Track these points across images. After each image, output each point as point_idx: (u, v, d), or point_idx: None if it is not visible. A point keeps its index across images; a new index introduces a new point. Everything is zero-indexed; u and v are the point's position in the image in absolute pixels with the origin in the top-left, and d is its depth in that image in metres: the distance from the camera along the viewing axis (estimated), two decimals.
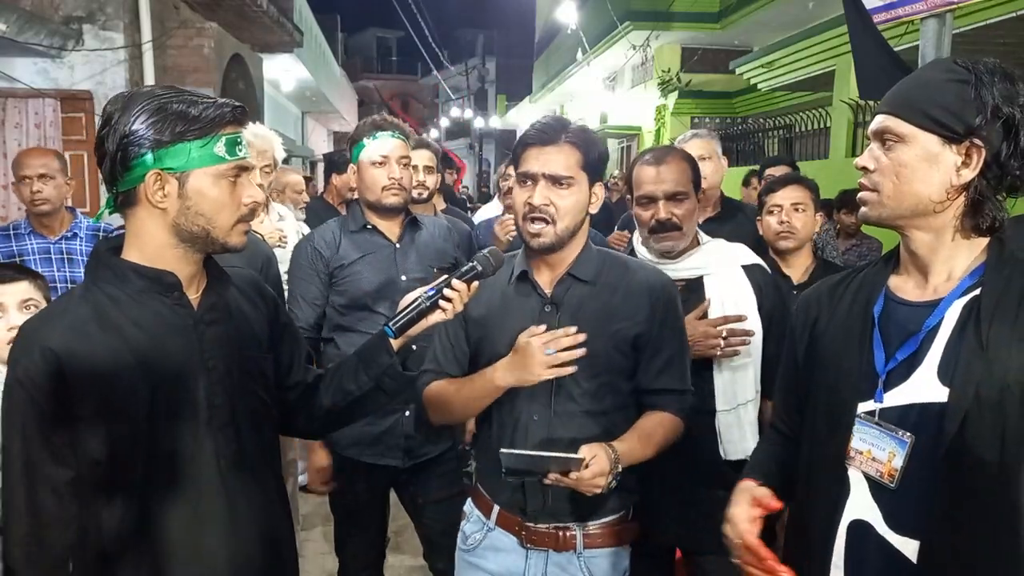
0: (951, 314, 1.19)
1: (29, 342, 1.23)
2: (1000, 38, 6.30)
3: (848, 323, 1.31)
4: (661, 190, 1.99)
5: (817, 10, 8.74)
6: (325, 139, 21.37)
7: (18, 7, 5.23)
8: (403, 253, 2.42)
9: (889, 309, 1.28)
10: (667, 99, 13.07)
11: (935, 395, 1.17)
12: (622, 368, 1.70)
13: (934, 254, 1.24)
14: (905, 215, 1.23)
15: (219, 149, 1.26)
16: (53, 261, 2.97)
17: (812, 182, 2.67)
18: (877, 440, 1.21)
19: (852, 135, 8.07)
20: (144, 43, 5.94)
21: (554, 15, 15.96)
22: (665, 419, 1.70)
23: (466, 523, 1.83)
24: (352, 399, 1.49)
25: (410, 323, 1.45)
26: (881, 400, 1.23)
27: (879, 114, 1.27)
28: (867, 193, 1.27)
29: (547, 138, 1.64)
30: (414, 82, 43.45)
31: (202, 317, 1.33)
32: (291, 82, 12.85)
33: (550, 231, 1.64)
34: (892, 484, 1.19)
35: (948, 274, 1.23)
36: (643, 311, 1.69)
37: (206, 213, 1.27)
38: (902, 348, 1.22)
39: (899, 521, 1.19)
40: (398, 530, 3.37)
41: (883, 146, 1.24)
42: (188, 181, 1.25)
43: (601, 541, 1.71)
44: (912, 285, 1.27)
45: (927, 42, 2.63)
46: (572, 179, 1.63)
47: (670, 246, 2.02)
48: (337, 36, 28.48)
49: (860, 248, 5.16)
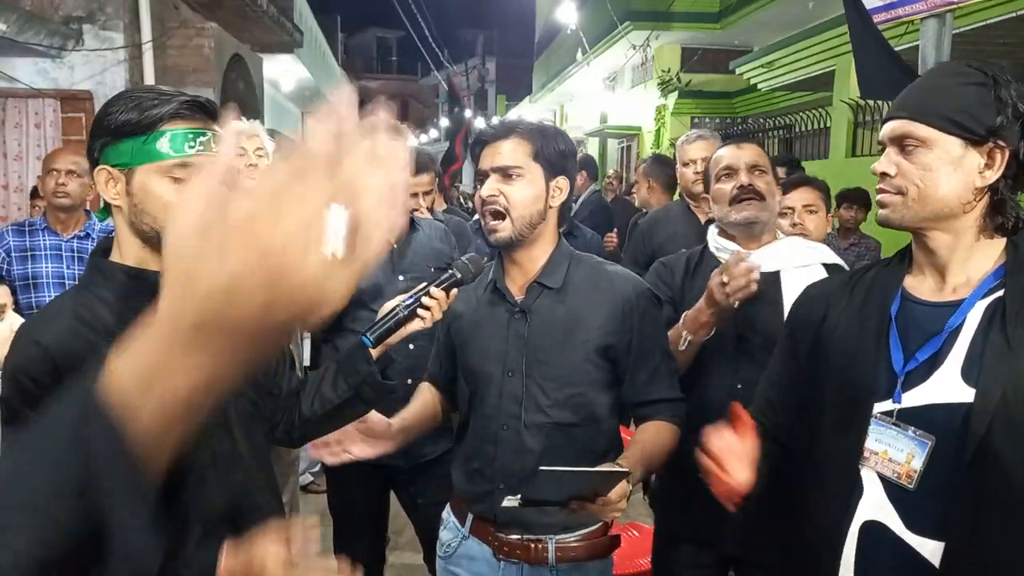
0: (973, 315, 1.19)
1: (24, 339, 1.24)
2: (1000, 38, 6.30)
3: (863, 322, 1.30)
4: (743, 160, 1.96)
5: (817, 10, 8.73)
6: None
7: (18, 7, 5.23)
8: (400, 254, 2.42)
9: (906, 309, 1.27)
10: (667, 99, 13.06)
11: (959, 396, 1.16)
12: (594, 379, 1.65)
13: (953, 255, 1.24)
14: (929, 218, 1.24)
15: (162, 145, 1.21)
16: (63, 258, 3.07)
17: (822, 183, 2.67)
18: (894, 441, 1.20)
19: (852, 135, 8.06)
20: (144, 43, 5.94)
21: (554, 15, 15.95)
22: (662, 428, 1.66)
23: (443, 530, 1.81)
24: (331, 407, 1.48)
25: (388, 332, 1.46)
26: (899, 400, 1.21)
27: (895, 119, 1.26)
28: (889, 196, 1.26)
29: (497, 133, 1.63)
30: (414, 82, 43.45)
31: None
32: (291, 82, 12.84)
33: (507, 225, 1.61)
34: (911, 485, 1.18)
35: (967, 275, 1.24)
36: (615, 321, 1.64)
37: (150, 211, 1.24)
38: (923, 348, 1.21)
39: (917, 522, 1.18)
40: (398, 530, 3.37)
41: (902, 151, 1.24)
42: (133, 178, 1.23)
43: (575, 555, 1.65)
44: (928, 285, 1.27)
45: (927, 42, 2.63)
46: (521, 169, 1.60)
47: (753, 215, 1.92)
48: (337, 36, 28.48)
49: (859, 248, 5.16)
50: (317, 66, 13.91)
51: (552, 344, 1.63)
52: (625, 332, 1.64)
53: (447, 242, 2.59)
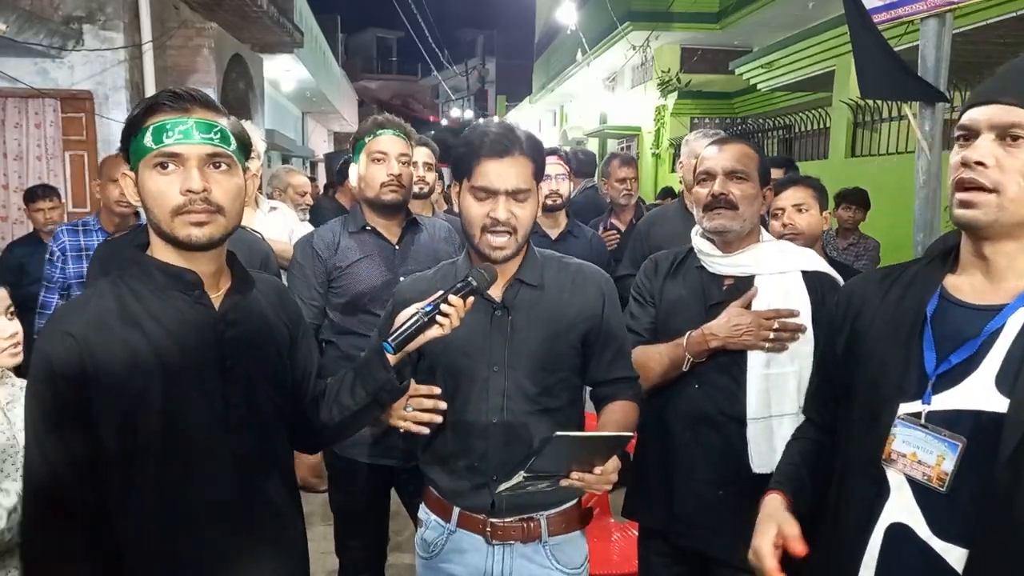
0: (1014, 321, 1.12)
1: (52, 329, 1.25)
2: (1000, 38, 6.31)
3: (897, 319, 1.24)
4: (720, 165, 1.92)
5: (817, 10, 8.75)
6: (325, 139, 21.37)
7: (18, 7, 5.23)
8: (402, 254, 2.42)
9: (943, 309, 1.20)
10: (667, 99, 13.08)
11: (991, 404, 1.11)
12: (573, 364, 1.73)
13: (1013, 262, 1.16)
14: (1021, 223, 1.13)
15: (147, 139, 1.24)
16: None
17: (815, 180, 2.67)
18: (923, 443, 1.15)
19: (851, 135, 8.07)
20: (144, 43, 5.94)
21: (554, 15, 15.98)
22: (628, 407, 1.73)
23: (424, 531, 1.83)
24: (349, 413, 1.50)
25: (408, 339, 1.46)
26: (929, 402, 1.16)
27: (993, 104, 1.13)
28: (979, 195, 1.13)
29: (503, 150, 1.62)
30: (414, 82, 43.47)
31: (223, 317, 1.34)
32: (291, 82, 12.86)
33: (512, 242, 1.64)
34: (943, 488, 1.13)
35: (1018, 281, 1.15)
36: (590, 306, 1.72)
37: (148, 205, 1.27)
38: (958, 352, 1.15)
39: (944, 527, 1.14)
40: (398, 530, 3.37)
41: (1003, 142, 1.12)
42: (138, 176, 1.27)
43: (565, 527, 1.73)
44: (971, 287, 1.20)
45: (927, 42, 2.63)
46: (529, 191, 1.65)
47: (721, 225, 1.90)
48: (337, 36, 28.47)
49: (857, 247, 5.17)
50: (317, 66, 13.91)
51: (536, 336, 1.68)
52: (597, 317, 1.73)
53: (451, 242, 2.58)
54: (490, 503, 1.68)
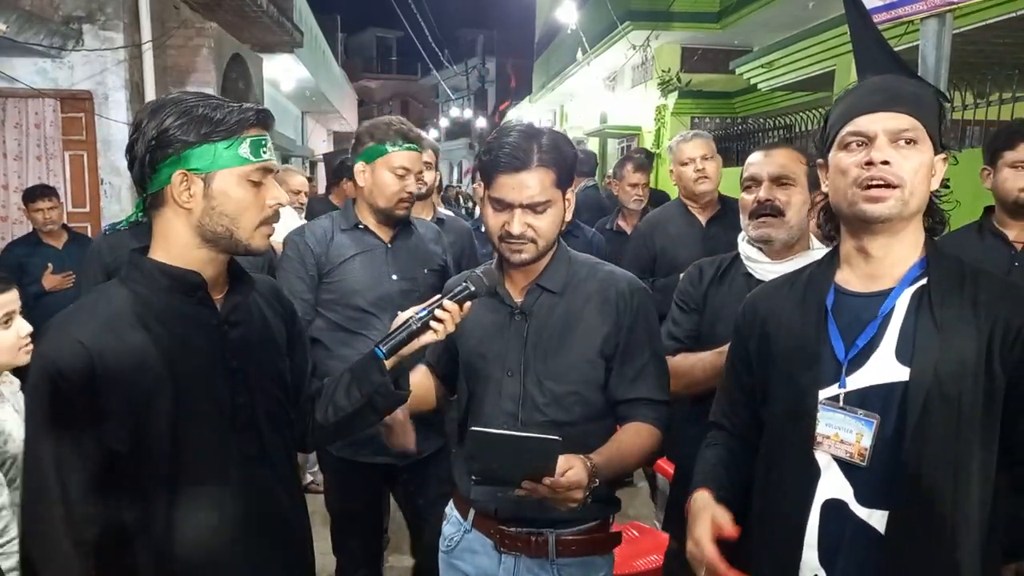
0: (902, 302, 1.29)
1: (59, 336, 1.24)
2: (1000, 38, 6.30)
3: (803, 316, 1.38)
4: (766, 171, 1.90)
5: (817, 10, 8.74)
6: (325, 139, 21.35)
7: (18, 7, 5.23)
8: (394, 253, 2.42)
9: (840, 300, 1.36)
10: (667, 99, 13.06)
11: (895, 375, 1.25)
12: (590, 378, 1.65)
13: (890, 251, 1.31)
14: (907, 218, 1.30)
15: (244, 151, 1.28)
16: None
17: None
18: (843, 423, 1.29)
19: None
20: (144, 43, 5.94)
21: (554, 15, 15.96)
22: (642, 429, 1.64)
23: (446, 524, 1.83)
24: (344, 415, 1.51)
25: (401, 344, 1.47)
26: (844, 385, 1.30)
27: (888, 111, 1.28)
28: (887, 191, 1.27)
29: (519, 163, 1.56)
30: (414, 82, 43.44)
31: (226, 318, 1.35)
32: (291, 82, 12.84)
33: (531, 248, 1.62)
34: (864, 463, 1.26)
35: (895, 268, 1.32)
36: (610, 318, 1.65)
37: (230, 214, 1.28)
38: (862, 335, 1.30)
39: (868, 497, 1.26)
40: (398, 530, 3.37)
41: (895, 145, 1.27)
42: (213, 182, 1.27)
43: (576, 549, 1.66)
44: (858, 278, 1.35)
45: (927, 42, 2.63)
46: (549, 202, 1.60)
47: (766, 234, 1.88)
48: (337, 36, 28.48)
49: None
50: (317, 66, 13.91)
51: (551, 344, 1.64)
52: (620, 329, 1.65)
53: (440, 243, 2.60)
54: (494, 509, 1.68)
